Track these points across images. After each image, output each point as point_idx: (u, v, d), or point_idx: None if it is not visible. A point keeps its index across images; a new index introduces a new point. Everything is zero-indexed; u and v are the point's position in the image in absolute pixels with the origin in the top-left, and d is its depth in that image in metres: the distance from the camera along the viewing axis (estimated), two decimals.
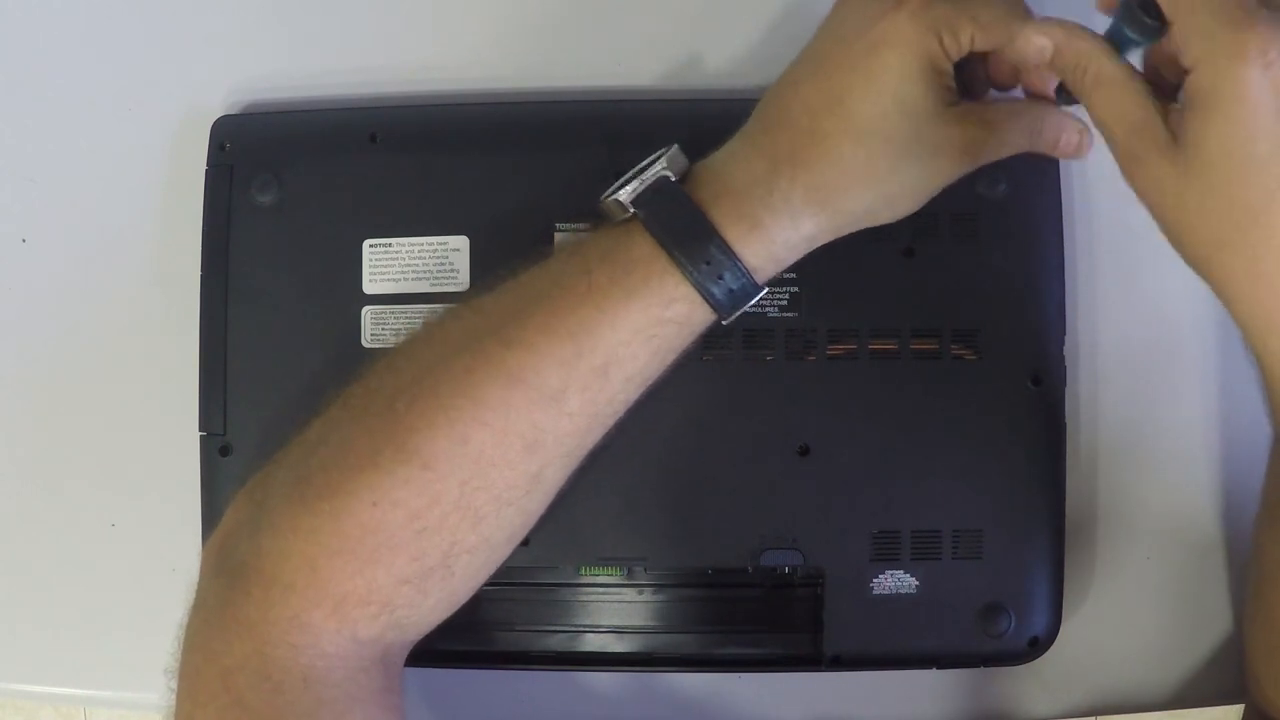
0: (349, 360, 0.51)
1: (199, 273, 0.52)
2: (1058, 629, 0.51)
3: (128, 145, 0.56)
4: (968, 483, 0.50)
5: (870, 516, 0.50)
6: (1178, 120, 0.37)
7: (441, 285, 0.51)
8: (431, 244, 0.52)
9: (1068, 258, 0.52)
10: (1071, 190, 0.52)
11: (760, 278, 0.43)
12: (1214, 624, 0.54)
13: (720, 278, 0.42)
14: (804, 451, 0.50)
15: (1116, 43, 0.40)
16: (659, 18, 0.56)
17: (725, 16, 0.55)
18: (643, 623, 0.51)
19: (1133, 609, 0.54)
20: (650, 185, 0.43)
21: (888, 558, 0.50)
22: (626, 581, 0.51)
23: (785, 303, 0.51)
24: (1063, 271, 0.51)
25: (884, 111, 0.41)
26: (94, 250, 0.56)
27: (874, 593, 0.50)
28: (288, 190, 0.52)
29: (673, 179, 0.43)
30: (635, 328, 0.42)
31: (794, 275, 0.51)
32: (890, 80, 0.41)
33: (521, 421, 0.42)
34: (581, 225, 0.51)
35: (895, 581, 0.50)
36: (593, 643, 0.52)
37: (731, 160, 0.44)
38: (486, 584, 0.51)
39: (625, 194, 0.43)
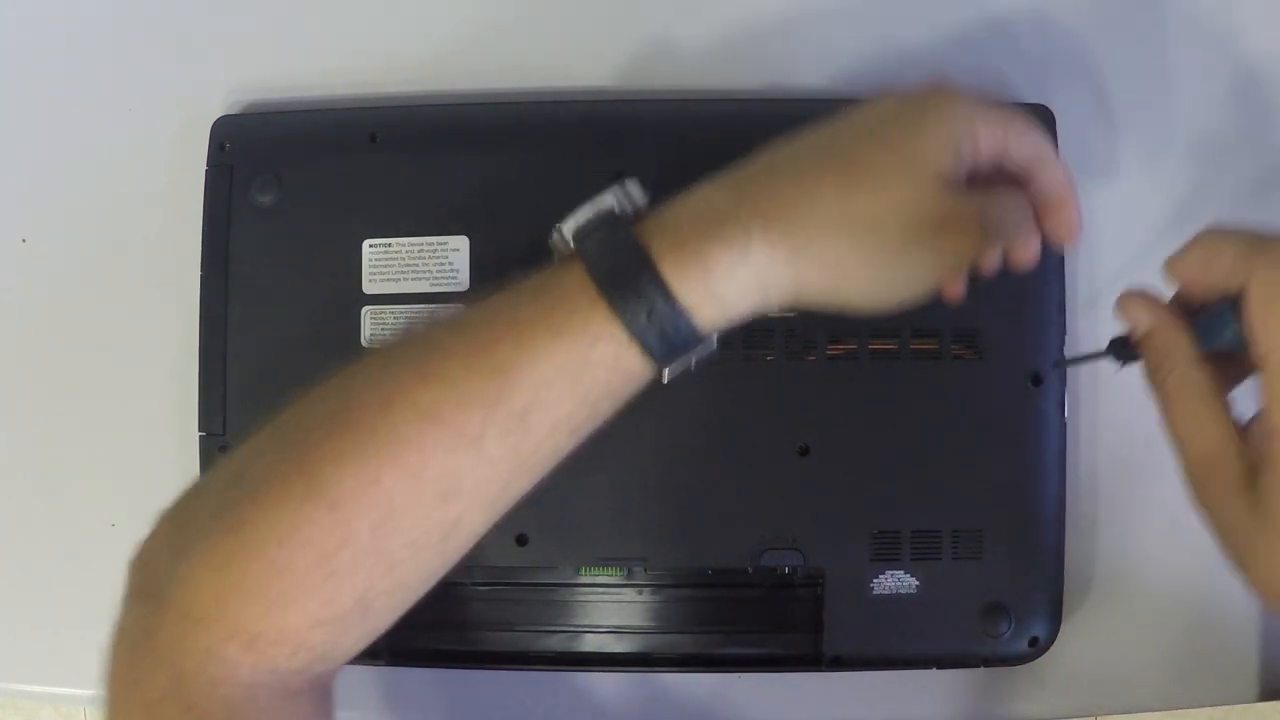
0: (349, 360, 0.51)
1: (199, 273, 0.52)
2: (1058, 629, 0.51)
3: (128, 145, 0.56)
4: (968, 483, 0.50)
5: (870, 516, 0.50)
6: (1256, 447, 0.35)
7: (441, 285, 0.51)
8: (431, 244, 0.52)
9: (1068, 258, 0.52)
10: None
11: (700, 318, 0.39)
12: (1214, 624, 0.53)
13: (650, 314, 0.38)
14: (804, 451, 0.50)
15: (1200, 334, 0.38)
16: (660, 18, 0.56)
17: (726, 17, 0.55)
18: (643, 623, 0.51)
19: (1133, 609, 0.54)
20: (593, 217, 0.40)
21: (888, 558, 0.50)
22: (626, 581, 0.51)
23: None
24: (1063, 271, 0.51)
25: (887, 166, 0.39)
26: (94, 250, 0.56)
27: (874, 593, 0.50)
28: (288, 190, 0.52)
29: (616, 211, 0.40)
30: (558, 367, 0.38)
31: None
32: (912, 138, 0.39)
33: (437, 464, 0.38)
34: None
35: (895, 581, 0.50)
36: (592, 643, 0.52)
37: (693, 195, 0.40)
38: (487, 583, 0.51)
39: (569, 226, 0.40)
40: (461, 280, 0.51)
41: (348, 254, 0.52)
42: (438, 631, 0.51)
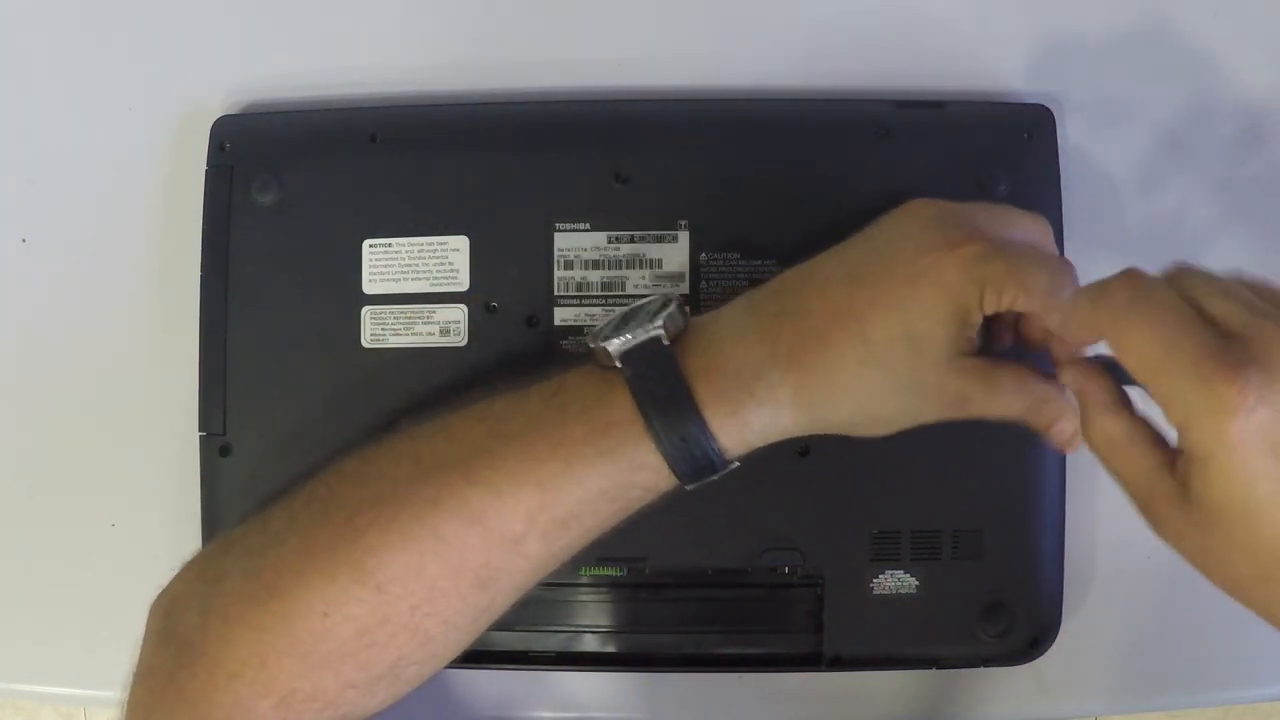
0: (349, 360, 0.51)
1: (199, 273, 0.52)
2: (1058, 629, 0.51)
3: (128, 145, 0.56)
4: (968, 483, 0.50)
5: (870, 517, 0.50)
6: (1180, 469, 0.37)
7: (441, 285, 0.51)
8: (431, 244, 0.52)
9: (1067, 257, 0.52)
10: (1071, 190, 0.52)
11: (731, 453, 0.42)
12: (1214, 624, 0.53)
13: (693, 455, 0.41)
14: (804, 452, 0.50)
15: (1120, 374, 0.39)
16: (660, 18, 0.56)
17: (726, 17, 0.55)
18: (643, 623, 0.51)
19: (1133, 609, 0.54)
20: (641, 343, 0.42)
21: (888, 558, 0.50)
22: (626, 581, 0.51)
23: None
24: None
25: (895, 342, 0.40)
26: (94, 250, 0.56)
27: (874, 593, 0.50)
28: (288, 190, 0.52)
29: (665, 341, 0.42)
30: (602, 489, 0.42)
31: None
32: (915, 317, 0.40)
33: (477, 559, 0.41)
34: (582, 225, 0.51)
35: (895, 581, 0.50)
36: (593, 643, 0.52)
37: (732, 336, 0.42)
38: None
39: (615, 345, 0.42)
40: (461, 280, 0.51)
41: (348, 254, 0.52)
42: None
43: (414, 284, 0.51)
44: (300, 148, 0.53)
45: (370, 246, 0.52)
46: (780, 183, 0.52)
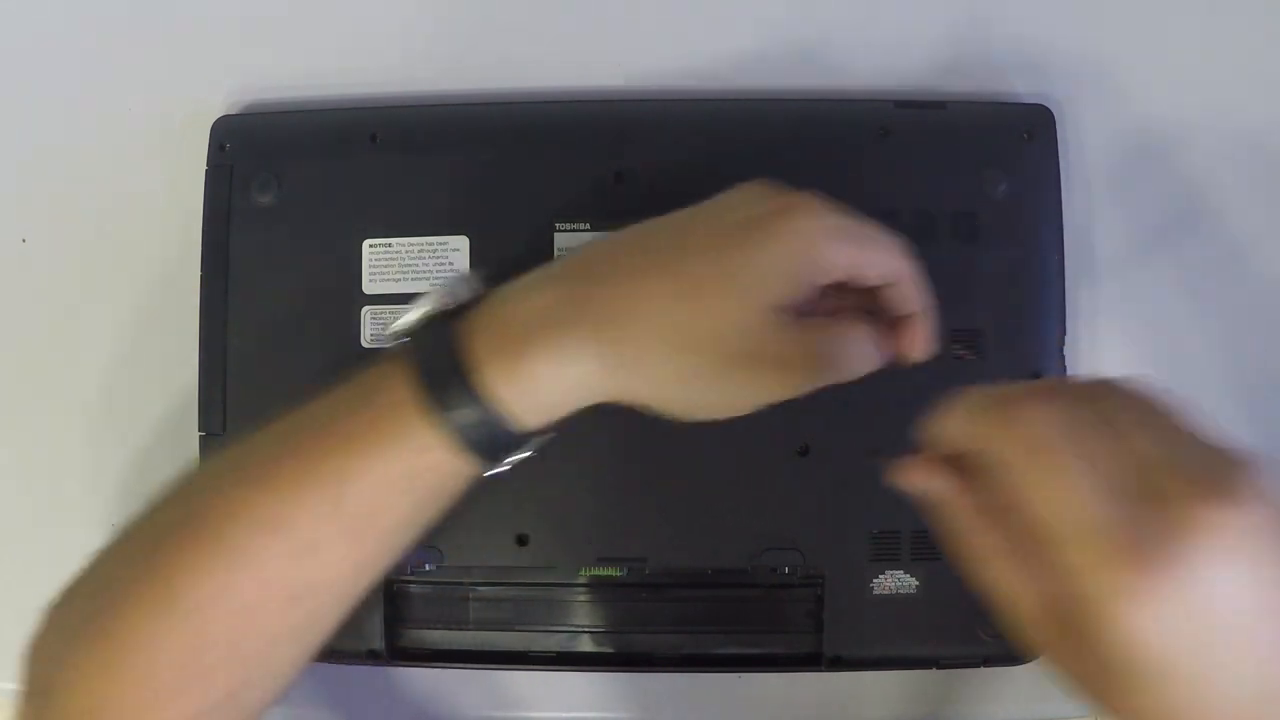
0: (349, 360, 0.51)
1: (199, 273, 0.52)
2: None
3: (128, 145, 0.56)
4: None
5: (870, 516, 0.50)
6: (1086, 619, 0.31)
7: None
8: (431, 244, 0.52)
9: (1068, 258, 0.52)
10: (1071, 190, 0.52)
11: (524, 422, 0.39)
12: None
13: (478, 426, 0.38)
14: (804, 451, 0.50)
15: None
16: (660, 18, 0.56)
17: (726, 17, 0.55)
18: (643, 623, 0.51)
19: None
20: (420, 316, 0.40)
21: (888, 558, 0.50)
22: (626, 581, 0.51)
23: None
24: (1063, 271, 0.51)
25: (717, 279, 0.38)
26: (94, 250, 0.56)
27: (874, 593, 0.50)
28: (288, 190, 0.52)
29: (442, 310, 0.40)
30: (390, 478, 0.39)
31: None
32: (744, 257, 0.38)
33: (282, 570, 0.39)
34: (582, 225, 0.51)
35: (895, 581, 0.50)
36: (593, 643, 0.52)
37: (525, 289, 0.40)
38: (486, 583, 0.51)
39: (398, 325, 0.41)
40: None
41: (348, 254, 0.52)
42: (438, 631, 0.52)
43: (414, 284, 0.51)
44: (300, 148, 0.53)
45: (370, 246, 0.52)
46: (780, 182, 0.51)
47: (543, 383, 0.38)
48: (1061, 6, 0.55)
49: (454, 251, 0.52)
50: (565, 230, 0.51)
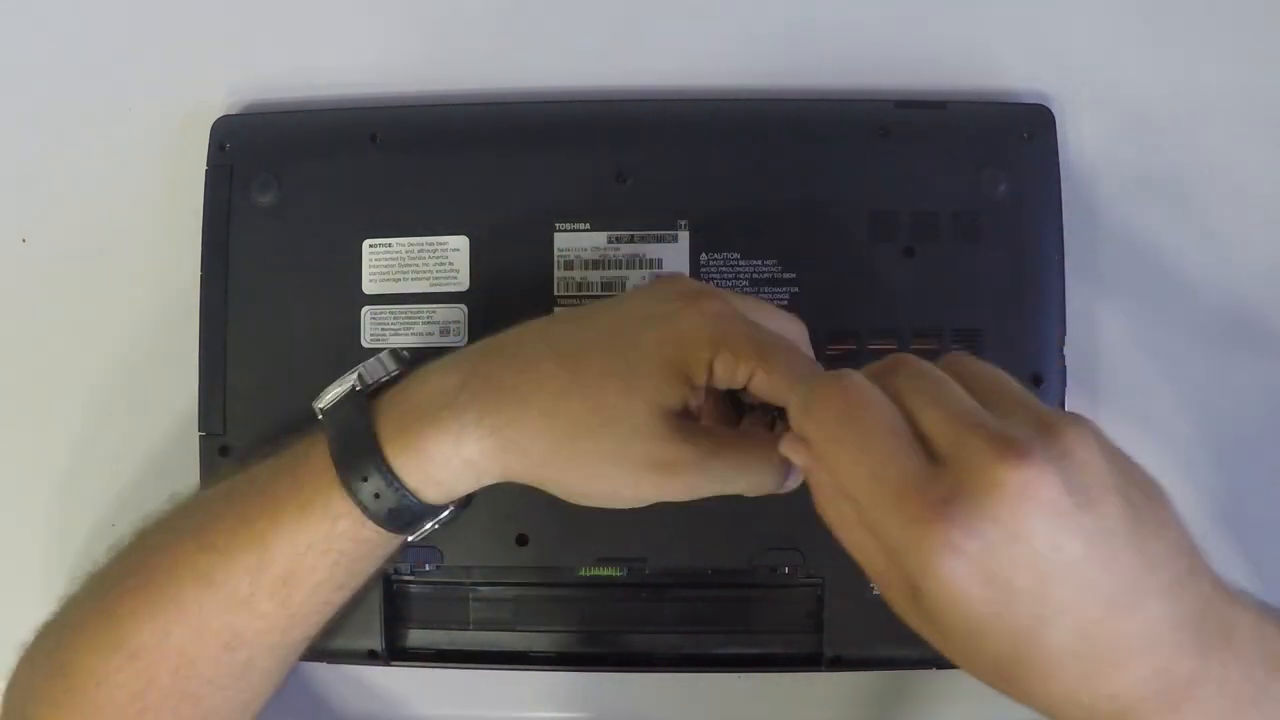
0: (349, 360, 0.51)
1: (199, 273, 0.52)
2: None
3: (128, 145, 0.56)
4: None
5: None
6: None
7: (441, 285, 0.51)
8: (431, 244, 0.52)
9: (1068, 258, 0.52)
10: (1071, 190, 0.52)
11: (425, 496, 0.42)
12: None
13: (378, 495, 0.41)
14: None
15: None
16: (659, 18, 0.56)
17: (725, 17, 0.55)
18: (643, 623, 0.51)
19: None
20: (341, 392, 0.44)
21: None
22: (626, 581, 0.51)
23: (785, 303, 0.51)
24: (1063, 271, 0.51)
25: (605, 376, 0.39)
26: (94, 250, 0.56)
27: (874, 593, 0.50)
28: (288, 190, 0.52)
29: (359, 387, 0.44)
30: (308, 543, 0.42)
31: (794, 276, 0.51)
32: (638, 357, 0.39)
33: (216, 621, 0.43)
34: (582, 225, 0.51)
35: None
36: (593, 643, 0.52)
37: (432, 372, 0.43)
38: (486, 583, 0.51)
39: (324, 401, 0.44)
40: (461, 280, 0.51)
41: (348, 254, 0.52)
42: (438, 631, 0.52)
43: (414, 284, 0.51)
44: (300, 148, 0.53)
45: (370, 246, 0.52)
46: (780, 183, 0.52)
47: (437, 461, 0.41)
48: (1061, 7, 0.55)
49: (454, 251, 0.52)
50: (565, 230, 0.51)
